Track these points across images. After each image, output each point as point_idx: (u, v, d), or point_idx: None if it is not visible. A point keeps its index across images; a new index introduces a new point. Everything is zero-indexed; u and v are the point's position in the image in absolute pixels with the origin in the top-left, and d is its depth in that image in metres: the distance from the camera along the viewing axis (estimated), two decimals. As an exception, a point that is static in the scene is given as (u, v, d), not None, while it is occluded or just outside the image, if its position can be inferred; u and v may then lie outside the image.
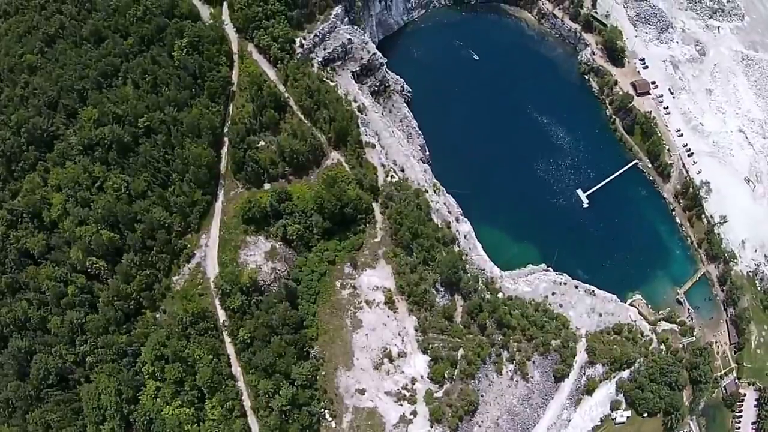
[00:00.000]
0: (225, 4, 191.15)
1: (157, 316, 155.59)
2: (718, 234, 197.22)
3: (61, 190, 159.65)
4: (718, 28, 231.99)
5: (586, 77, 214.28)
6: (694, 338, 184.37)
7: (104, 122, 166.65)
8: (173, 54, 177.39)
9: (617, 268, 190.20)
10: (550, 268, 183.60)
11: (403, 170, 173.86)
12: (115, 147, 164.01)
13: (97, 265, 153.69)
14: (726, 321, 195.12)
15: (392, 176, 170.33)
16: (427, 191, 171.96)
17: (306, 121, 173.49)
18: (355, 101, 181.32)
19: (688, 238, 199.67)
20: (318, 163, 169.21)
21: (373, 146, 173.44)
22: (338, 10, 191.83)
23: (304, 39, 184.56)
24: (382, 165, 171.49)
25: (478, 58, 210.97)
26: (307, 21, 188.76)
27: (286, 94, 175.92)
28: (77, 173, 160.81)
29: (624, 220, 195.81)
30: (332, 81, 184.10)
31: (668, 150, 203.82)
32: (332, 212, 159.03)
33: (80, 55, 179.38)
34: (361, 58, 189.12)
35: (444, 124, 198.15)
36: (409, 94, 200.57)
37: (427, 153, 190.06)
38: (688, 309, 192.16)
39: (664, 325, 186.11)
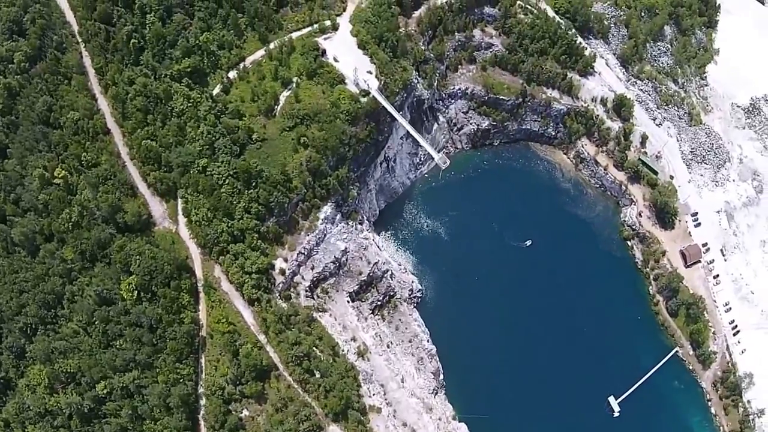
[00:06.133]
0: (179, 201, 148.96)
1: None
2: (753, 421, 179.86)
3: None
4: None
5: (629, 243, 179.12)
6: None
7: (56, 388, 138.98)
8: (121, 289, 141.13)
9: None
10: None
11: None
12: (76, 416, 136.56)
13: None
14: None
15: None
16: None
17: (296, 386, 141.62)
18: (354, 340, 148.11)
19: (721, 428, 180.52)
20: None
21: (379, 410, 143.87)
22: (327, 210, 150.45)
23: (286, 260, 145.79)
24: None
25: (530, 243, 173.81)
26: (288, 231, 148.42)
27: (269, 348, 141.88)
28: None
29: (656, 421, 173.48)
30: (324, 309, 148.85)
31: (713, 333, 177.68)
32: None
33: (14, 269, 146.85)
34: (360, 273, 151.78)
35: (459, 326, 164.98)
36: (419, 294, 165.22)
37: (441, 377, 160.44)
38: None
39: None
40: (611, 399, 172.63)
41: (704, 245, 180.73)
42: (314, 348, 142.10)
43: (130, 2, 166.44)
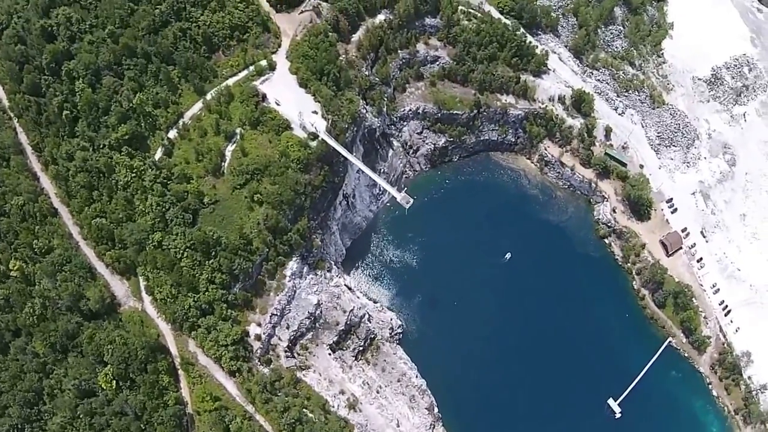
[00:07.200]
0: (141, 279, 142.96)
1: None
2: (756, 396, 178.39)
3: None
4: (744, 114, 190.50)
5: (607, 241, 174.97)
6: None
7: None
8: (99, 380, 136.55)
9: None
10: None
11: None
12: None
13: None
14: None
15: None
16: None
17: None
18: (342, 393, 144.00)
19: (725, 408, 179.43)
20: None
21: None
22: (293, 266, 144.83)
23: (259, 325, 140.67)
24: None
25: (510, 257, 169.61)
26: (257, 294, 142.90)
27: (258, 417, 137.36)
28: None
29: (658, 414, 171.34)
30: (307, 367, 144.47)
31: (705, 317, 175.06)
32: None
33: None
34: (337, 323, 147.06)
35: (447, 353, 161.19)
36: (400, 330, 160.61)
37: (436, 410, 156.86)
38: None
39: None
40: (611, 401, 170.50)
41: (684, 230, 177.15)
42: (304, 410, 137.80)
43: (57, 69, 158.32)
